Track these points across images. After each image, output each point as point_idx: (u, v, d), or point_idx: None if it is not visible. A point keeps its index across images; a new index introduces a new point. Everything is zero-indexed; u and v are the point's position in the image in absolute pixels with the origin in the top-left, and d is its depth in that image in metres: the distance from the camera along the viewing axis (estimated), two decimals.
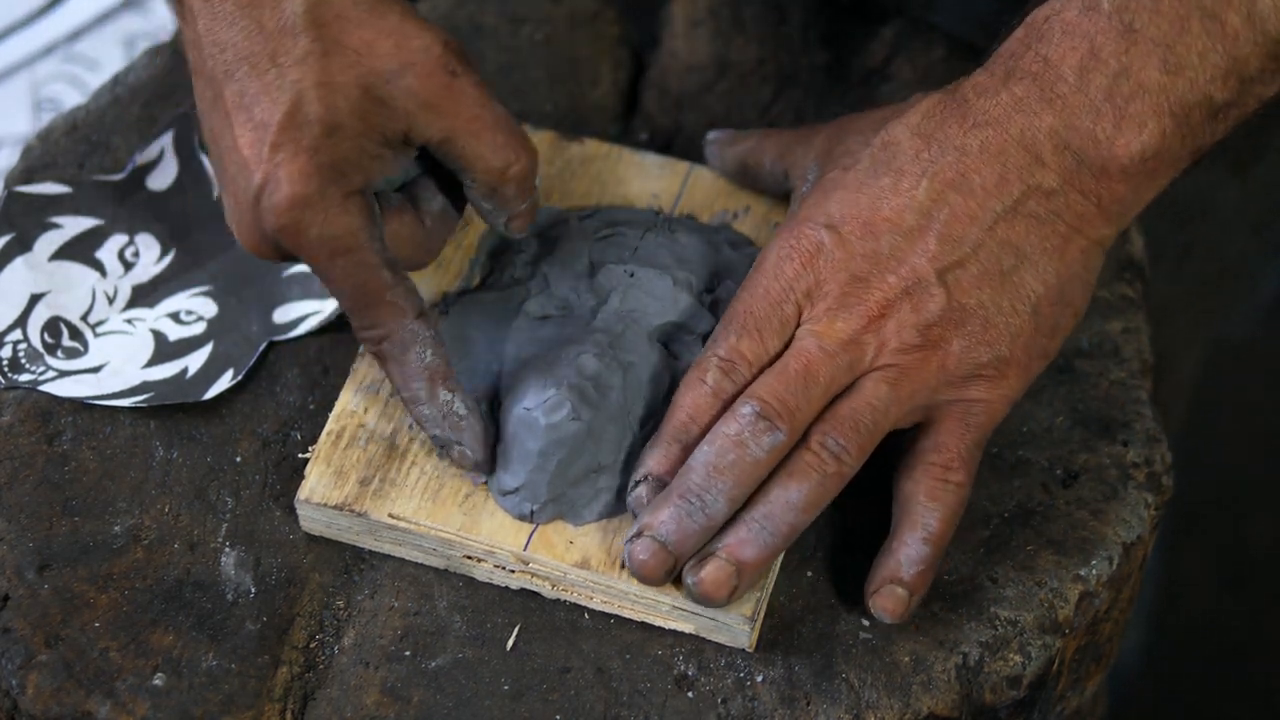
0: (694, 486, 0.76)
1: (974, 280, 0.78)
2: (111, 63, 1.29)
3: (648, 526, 0.77)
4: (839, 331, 0.77)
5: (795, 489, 0.77)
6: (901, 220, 0.78)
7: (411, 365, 0.81)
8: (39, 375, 0.88)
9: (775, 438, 0.76)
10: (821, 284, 0.78)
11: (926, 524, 0.78)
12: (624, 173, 0.94)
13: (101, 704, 0.79)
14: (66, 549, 0.83)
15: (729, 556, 0.77)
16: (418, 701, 0.79)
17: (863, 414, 0.77)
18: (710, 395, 0.78)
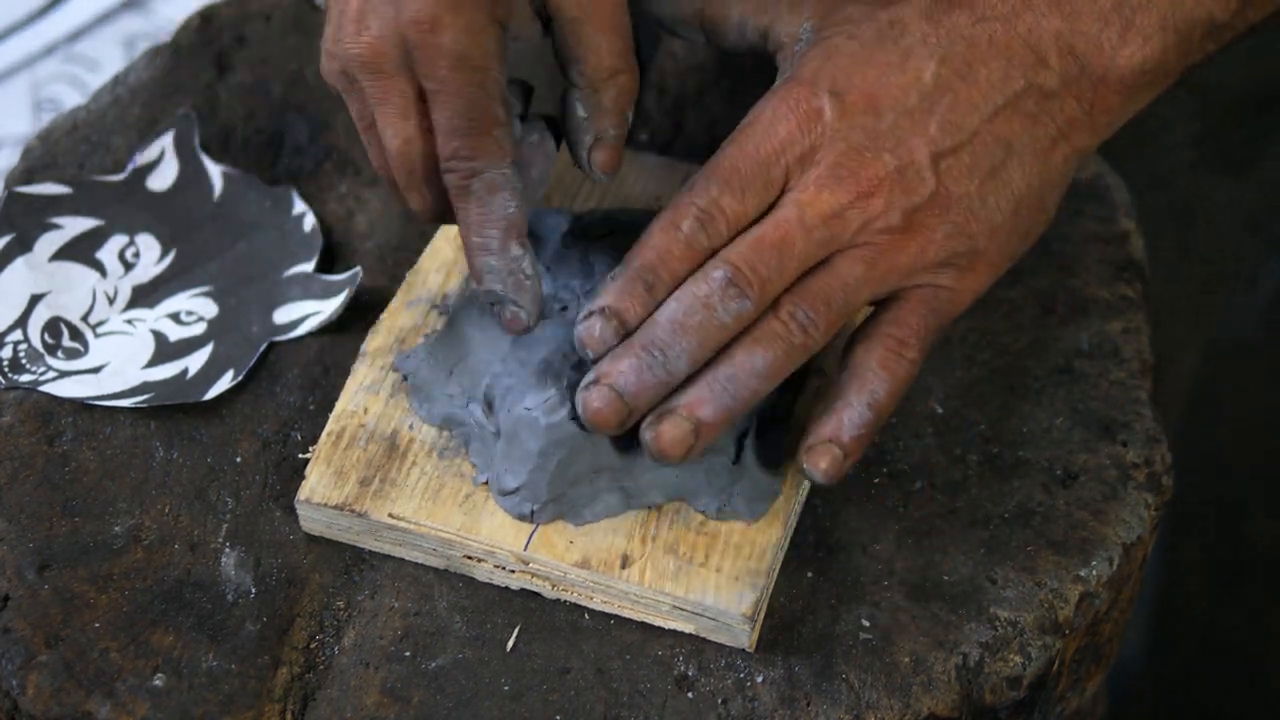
0: (657, 341, 0.76)
1: (965, 170, 0.78)
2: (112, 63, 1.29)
3: (605, 375, 0.77)
4: (824, 204, 0.77)
5: (760, 355, 0.76)
6: (905, 99, 0.78)
7: (494, 210, 0.79)
8: (39, 375, 0.88)
9: (743, 305, 0.76)
10: (815, 151, 0.77)
11: (874, 390, 0.78)
12: (624, 173, 0.94)
13: (101, 704, 0.79)
14: (67, 549, 0.83)
15: (688, 414, 0.76)
16: (418, 702, 0.79)
17: (835, 291, 0.77)
18: (683, 244, 0.77)
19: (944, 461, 0.86)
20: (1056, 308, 0.92)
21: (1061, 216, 0.95)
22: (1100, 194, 0.96)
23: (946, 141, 0.78)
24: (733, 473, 0.82)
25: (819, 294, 0.77)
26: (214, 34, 1.02)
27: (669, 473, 0.82)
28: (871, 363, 0.78)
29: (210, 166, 0.96)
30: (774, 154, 0.77)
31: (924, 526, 0.84)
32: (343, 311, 0.90)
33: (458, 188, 0.79)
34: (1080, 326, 0.91)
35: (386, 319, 0.89)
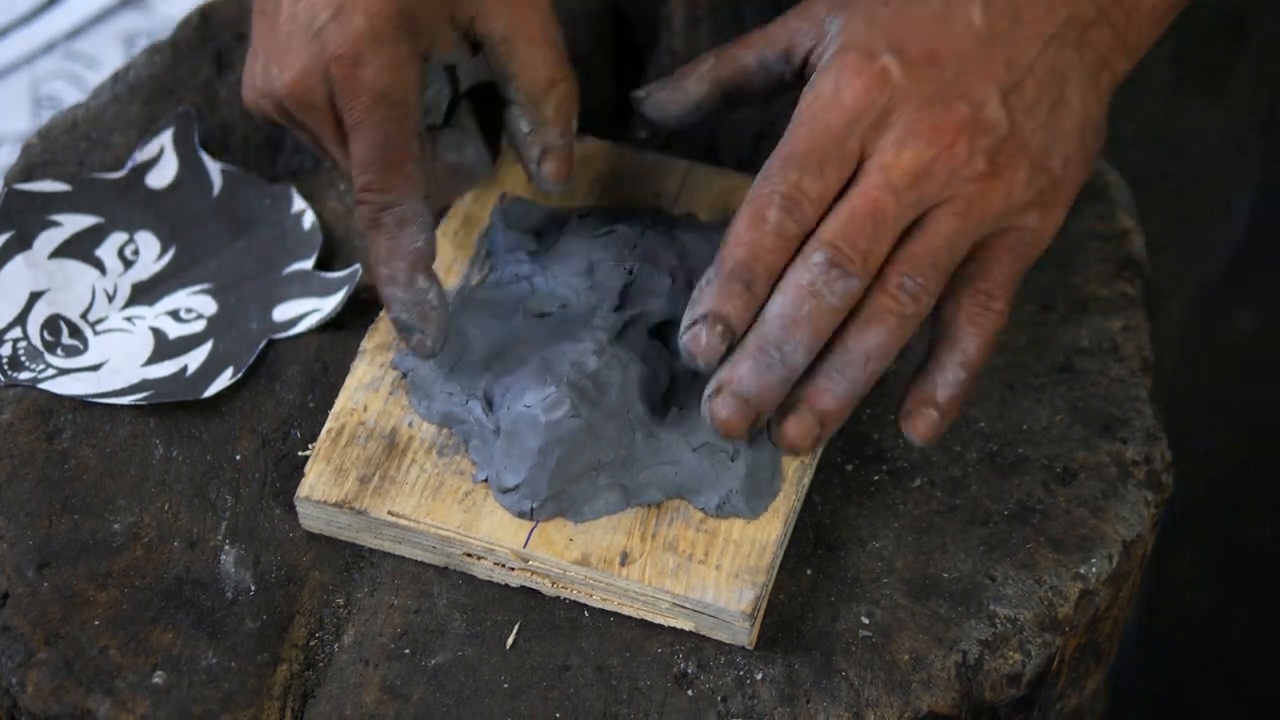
0: (772, 339, 0.75)
1: (1032, 103, 0.77)
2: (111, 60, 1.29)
3: (727, 382, 0.76)
4: (909, 163, 0.76)
5: (874, 335, 0.76)
6: (963, 45, 0.77)
7: (403, 243, 0.80)
8: (39, 373, 0.88)
9: (850, 284, 0.75)
10: (889, 113, 0.76)
11: (965, 348, 0.78)
12: (624, 172, 0.94)
13: (101, 702, 0.79)
14: (66, 547, 0.83)
15: (810, 407, 0.76)
16: (417, 699, 0.79)
17: (940, 251, 0.76)
18: (773, 234, 0.76)
19: (944, 459, 0.86)
20: (1056, 305, 0.92)
21: None
22: (1100, 192, 0.96)
23: (1010, 79, 0.77)
24: (732, 470, 0.82)
25: (923, 258, 0.76)
26: (213, 31, 1.02)
27: (668, 470, 0.82)
28: (961, 319, 0.78)
29: (210, 164, 0.96)
30: (847, 124, 0.76)
31: (924, 524, 0.84)
32: (342, 309, 0.90)
33: (369, 220, 0.81)
34: (1080, 324, 0.91)
35: (386, 317, 0.89)
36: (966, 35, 0.77)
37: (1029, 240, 0.79)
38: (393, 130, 0.78)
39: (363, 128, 0.78)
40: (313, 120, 0.81)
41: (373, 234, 0.81)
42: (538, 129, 0.82)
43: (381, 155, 0.79)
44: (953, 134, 0.76)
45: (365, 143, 0.79)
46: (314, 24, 0.78)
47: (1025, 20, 0.78)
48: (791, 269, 0.76)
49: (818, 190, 0.76)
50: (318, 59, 0.78)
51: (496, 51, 0.81)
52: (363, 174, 0.79)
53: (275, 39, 0.80)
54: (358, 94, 0.78)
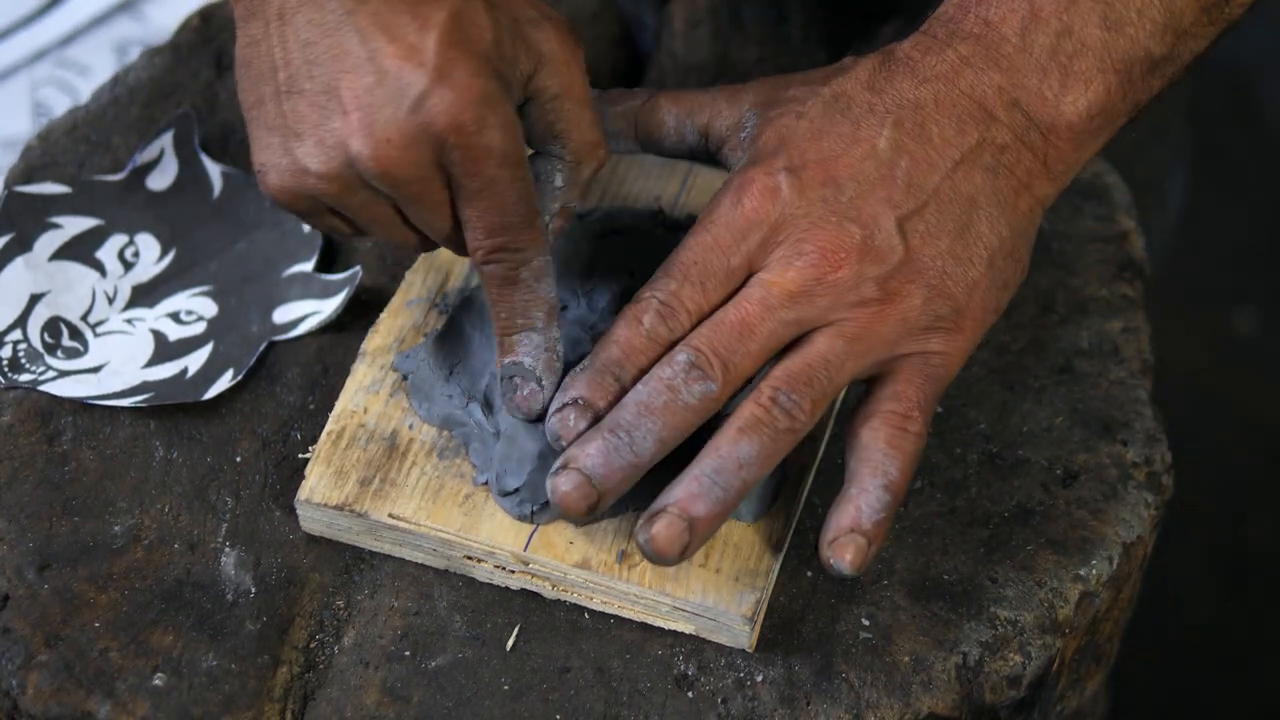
0: (623, 423, 0.76)
1: (932, 230, 0.77)
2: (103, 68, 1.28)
3: (573, 459, 0.76)
4: (789, 282, 0.76)
5: (746, 444, 0.75)
6: (863, 168, 0.77)
7: (541, 295, 0.79)
8: (39, 375, 0.88)
9: (707, 387, 0.75)
10: (777, 231, 0.76)
11: (887, 471, 0.77)
12: (624, 173, 0.94)
13: (101, 704, 0.79)
14: (66, 549, 0.83)
15: (680, 512, 0.75)
16: (418, 701, 0.79)
17: (816, 369, 0.76)
18: (644, 337, 0.77)
19: (944, 461, 0.86)
20: (1056, 307, 0.92)
21: (1061, 216, 0.95)
22: (1100, 193, 0.96)
23: (910, 204, 0.77)
24: None
25: (799, 375, 0.76)
26: (213, 33, 1.02)
27: (668, 475, 0.82)
28: (879, 444, 0.77)
29: (210, 166, 0.96)
30: (734, 240, 0.77)
31: (924, 526, 0.84)
32: (342, 311, 0.90)
33: (505, 277, 0.79)
34: (1080, 325, 0.91)
35: (386, 318, 0.89)
36: (868, 158, 0.77)
37: (936, 364, 0.78)
38: (520, 188, 0.77)
39: (490, 192, 0.76)
40: (411, 192, 0.76)
41: (507, 290, 0.79)
42: (570, 186, 0.81)
43: (515, 216, 0.77)
44: (838, 257, 0.76)
45: (496, 206, 0.77)
46: (408, 91, 0.74)
47: (934, 142, 0.77)
48: (656, 365, 0.77)
49: (695, 302, 0.77)
50: (424, 128, 0.74)
51: (547, 108, 0.79)
52: (493, 236, 0.78)
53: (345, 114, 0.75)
54: (485, 159, 0.75)
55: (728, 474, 0.75)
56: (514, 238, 0.78)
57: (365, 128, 0.75)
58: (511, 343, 0.80)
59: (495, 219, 0.77)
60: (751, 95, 0.82)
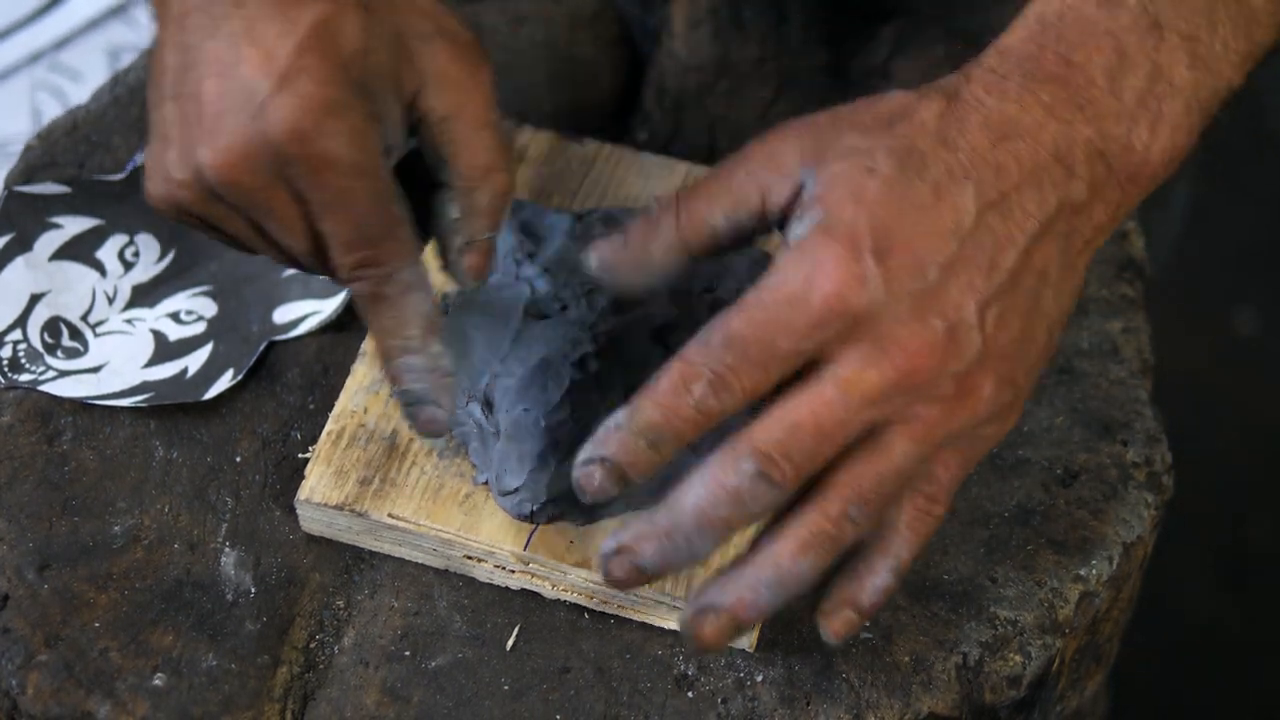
0: (683, 528, 0.69)
1: (1006, 315, 0.71)
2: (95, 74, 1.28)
3: (629, 551, 0.70)
4: (870, 384, 0.68)
5: (809, 560, 0.70)
6: (946, 248, 0.69)
7: (411, 310, 0.75)
8: (39, 375, 0.88)
9: (776, 496, 0.69)
10: (858, 326, 0.68)
11: (899, 553, 0.72)
12: (624, 173, 0.94)
13: (101, 704, 0.79)
14: (66, 549, 0.83)
15: (732, 617, 0.70)
16: (418, 701, 0.79)
17: (888, 479, 0.70)
18: (693, 409, 0.69)
19: None
20: None
21: None
22: None
23: (989, 289, 0.70)
24: None
25: (872, 486, 0.70)
26: None
27: (669, 473, 0.82)
28: (901, 523, 0.72)
29: None
30: (808, 327, 0.68)
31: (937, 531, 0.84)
32: (342, 311, 0.90)
33: (371, 294, 0.75)
34: (1080, 325, 0.91)
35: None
36: (950, 236, 0.69)
37: (980, 449, 0.73)
38: (371, 201, 0.73)
39: (340, 204, 0.72)
40: (257, 203, 0.73)
41: (376, 307, 0.75)
42: (467, 218, 0.77)
43: (367, 227, 0.73)
44: (921, 355, 0.69)
45: (348, 219, 0.73)
46: (253, 97, 0.70)
47: (1015, 216, 0.70)
48: (719, 462, 0.69)
49: (754, 382, 0.69)
50: (261, 135, 0.71)
51: (435, 131, 0.76)
52: (352, 252, 0.74)
53: (200, 121, 0.72)
54: (325, 170, 0.71)
55: (785, 588, 0.70)
56: (373, 252, 0.74)
57: (211, 135, 0.72)
58: (394, 371, 0.76)
59: (350, 233, 0.73)
60: (795, 150, 0.72)
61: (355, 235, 0.74)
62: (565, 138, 0.95)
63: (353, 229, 0.73)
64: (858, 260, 0.68)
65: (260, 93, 0.71)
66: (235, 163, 0.72)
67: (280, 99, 0.71)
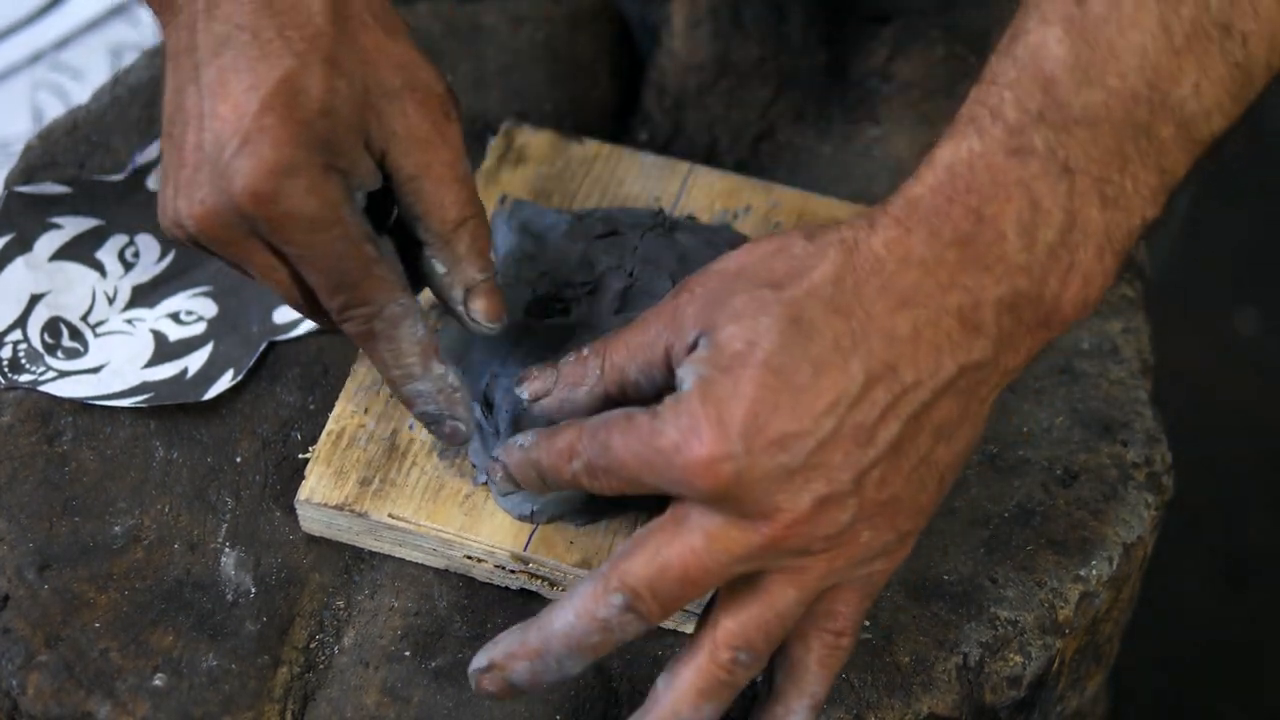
0: (554, 652, 0.72)
1: (888, 475, 0.70)
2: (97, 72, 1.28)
3: (500, 666, 0.73)
4: (736, 545, 0.69)
5: (708, 708, 0.72)
6: (821, 427, 0.68)
7: (405, 341, 0.78)
8: (39, 375, 0.88)
9: (643, 627, 0.71)
10: (727, 492, 0.68)
11: (814, 692, 0.74)
12: (624, 173, 0.94)
13: (101, 704, 0.79)
14: (66, 549, 0.83)
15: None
16: (418, 701, 0.79)
17: (773, 627, 0.71)
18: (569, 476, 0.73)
19: None
20: None
21: None
22: None
23: (867, 460, 0.69)
24: None
25: (758, 629, 0.71)
26: None
27: None
28: (810, 663, 0.74)
29: None
30: (674, 483, 0.69)
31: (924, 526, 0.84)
32: None
33: (361, 334, 0.78)
34: (1080, 326, 0.91)
35: None
36: (828, 416, 0.68)
37: (876, 581, 0.73)
38: (340, 248, 0.75)
39: (308, 258, 0.75)
40: (233, 254, 0.77)
41: (371, 345, 0.78)
42: (454, 268, 0.79)
43: (341, 273, 0.75)
44: (788, 527, 0.69)
45: (319, 271, 0.75)
46: (221, 156, 0.73)
47: (905, 383, 0.69)
48: (588, 592, 0.71)
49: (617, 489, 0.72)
50: (227, 195, 0.73)
51: (404, 190, 0.77)
52: (334, 297, 0.76)
53: (183, 168, 0.75)
54: (288, 227, 0.74)
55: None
56: (352, 295, 0.76)
57: (188, 189, 0.75)
58: (406, 398, 0.79)
59: (325, 281, 0.76)
60: (692, 312, 0.72)
61: (332, 282, 0.76)
62: (565, 138, 0.95)
63: (325, 277, 0.76)
64: (725, 439, 0.68)
65: (226, 152, 0.73)
66: (208, 218, 0.75)
67: (240, 161, 0.73)
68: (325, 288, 0.76)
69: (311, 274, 0.76)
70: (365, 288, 0.76)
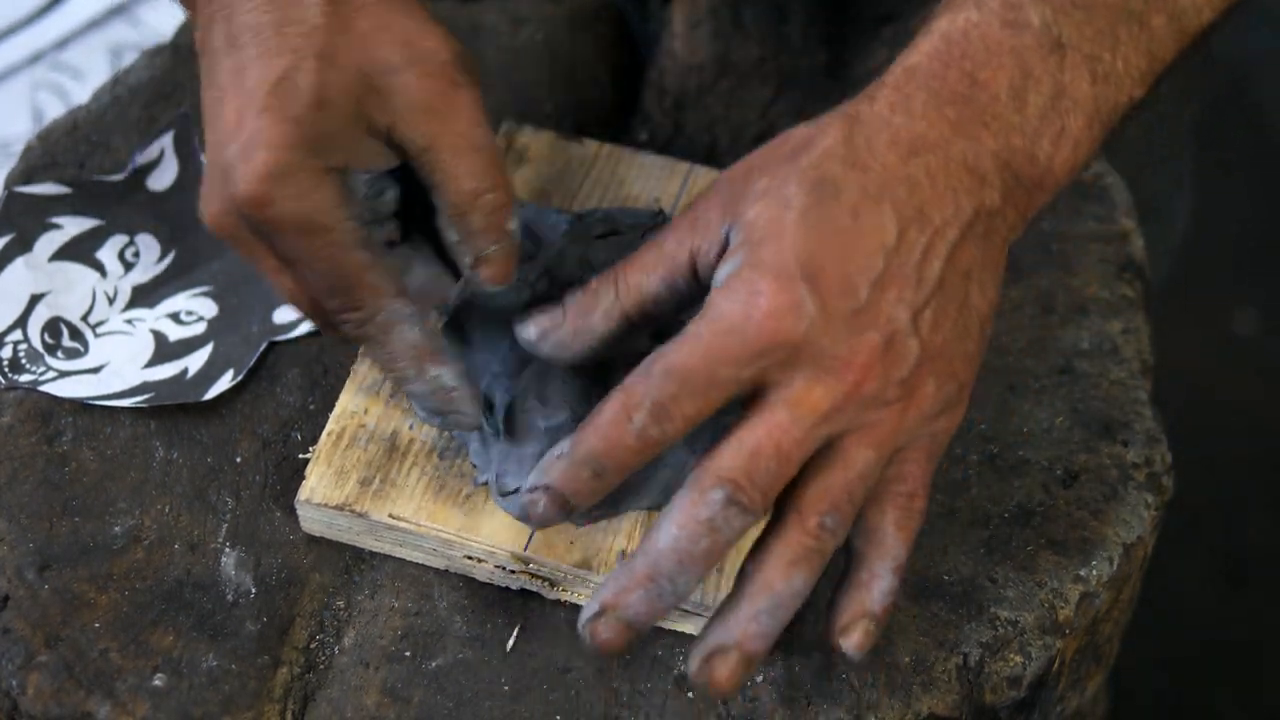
0: (665, 571, 0.71)
1: (939, 318, 0.73)
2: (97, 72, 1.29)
3: (612, 607, 0.71)
4: (819, 402, 0.71)
5: (800, 577, 0.72)
6: (873, 265, 0.72)
7: (396, 346, 0.78)
8: (39, 375, 0.88)
9: (748, 520, 0.71)
10: (799, 351, 0.71)
11: (896, 554, 0.75)
12: (624, 173, 0.94)
13: (101, 704, 0.79)
14: (67, 549, 0.83)
15: (741, 654, 0.72)
16: (418, 702, 0.79)
17: (855, 485, 0.73)
18: (634, 437, 0.71)
19: (944, 461, 0.86)
20: (1056, 307, 0.92)
21: (1061, 216, 0.95)
22: (1100, 194, 0.96)
23: (920, 297, 0.72)
24: None
25: (840, 496, 0.73)
26: None
27: (669, 473, 0.82)
28: (888, 526, 0.75)
29: None
30: (749, 355, 0.71)
31: (924, 526, 0.84)
32: None
33: (356, 337, 0.78)
34: (1080, 326, 0.91)
35: None
36: (876, 254, 0.72)
37: (940, 440, 0.75)
38: (333, 253, 0.75)
39: (305, 261, 0.76)
40: (244, 255, 0.78)
41: (367, 348, 0.79)
42: (466, 239, 0.79)
43: (333, 278, 0.76)
44: (864, 369, 0.71)
45: (312, 274, 0.76)
46: (225, 160, 0.75)
47: (935, 224, 0.73)
48: (688, 499, 0.71)
49: (694, 410, 0.71)
50: (229, 199, 0.75)
51: (420, 162, 0.77)
52: (329, 300, 0.77)
53: (209, 166, 0.77)
54: (280, 231, 0.75)
55: (784, 609, 0.73)
56: (345, 299, 0.77)
57: (207, 187, 0.77)
58: (408, 394, 0.80)
59: (320, 284, 0.77)
60: (715, 209, 0.74)
61: (324, 286, 0.77)
62: (565, 138, 0.95)
63: (319, 280, 0.77)
64: (790, 288, 0.71)
65: (228, 154, 0.75)
66: (217, 220, 0.76)
67: (241, 166, 0.74)
68: (320, 291, 0.77)
69: (308, 277, 0.77)
70: (358, 293, 0.77)
